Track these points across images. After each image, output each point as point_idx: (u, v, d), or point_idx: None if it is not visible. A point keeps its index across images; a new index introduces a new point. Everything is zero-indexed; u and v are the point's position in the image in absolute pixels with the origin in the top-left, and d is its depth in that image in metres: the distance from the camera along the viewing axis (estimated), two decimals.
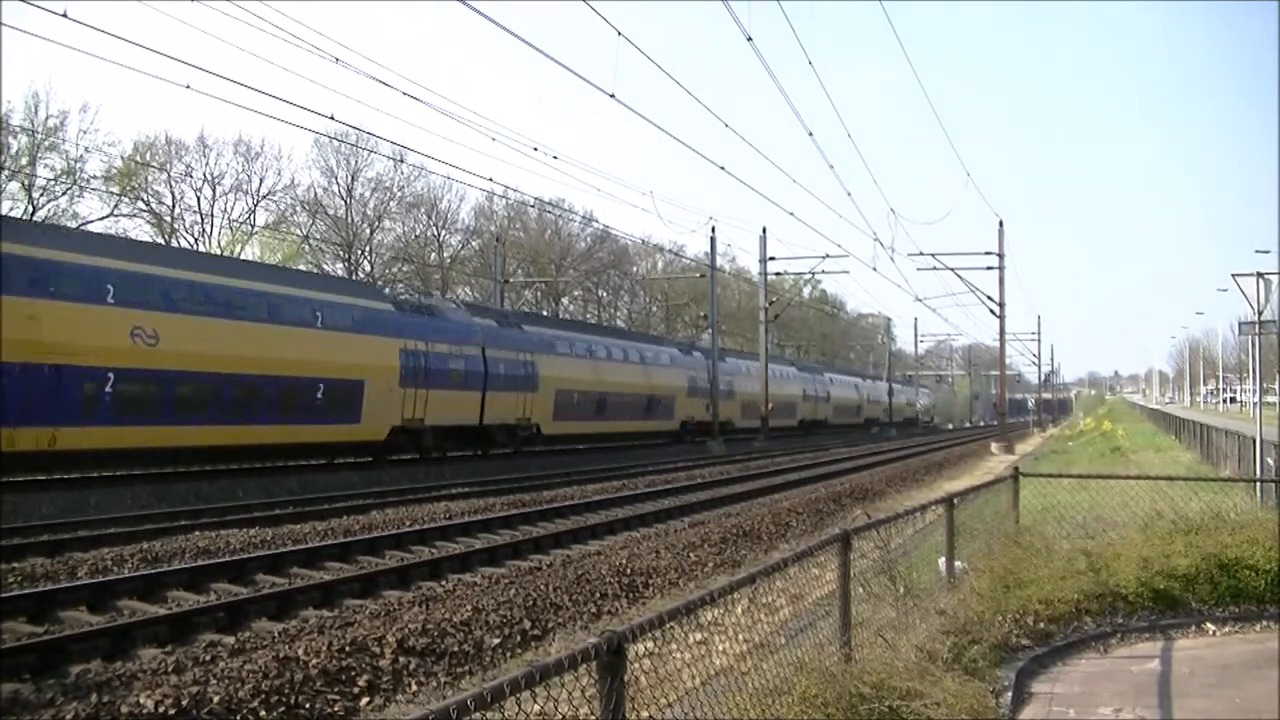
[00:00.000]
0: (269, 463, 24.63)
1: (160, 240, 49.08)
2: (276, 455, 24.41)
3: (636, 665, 4.21)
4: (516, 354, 32.05)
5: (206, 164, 54.57)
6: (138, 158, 50.70)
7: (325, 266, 58.12)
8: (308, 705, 7.31)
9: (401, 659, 8.37)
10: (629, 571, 12.35)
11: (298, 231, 58.41)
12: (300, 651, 8.10)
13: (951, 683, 5.37)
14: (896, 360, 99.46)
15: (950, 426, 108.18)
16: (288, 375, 22.54)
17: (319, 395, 23.41)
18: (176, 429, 20.41)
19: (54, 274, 17.94)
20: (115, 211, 48.98)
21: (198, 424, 20.78)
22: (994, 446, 46.05)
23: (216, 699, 6.95)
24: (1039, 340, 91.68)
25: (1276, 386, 74.28)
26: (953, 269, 46.40)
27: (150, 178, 51.27)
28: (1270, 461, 15.50)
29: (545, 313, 65.49)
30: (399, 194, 63.34)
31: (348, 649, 8.26)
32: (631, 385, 40.05)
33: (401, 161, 57.80)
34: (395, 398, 25.92)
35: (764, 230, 49.44)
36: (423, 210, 65.19)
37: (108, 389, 18.79)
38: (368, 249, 61.81)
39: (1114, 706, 5.90)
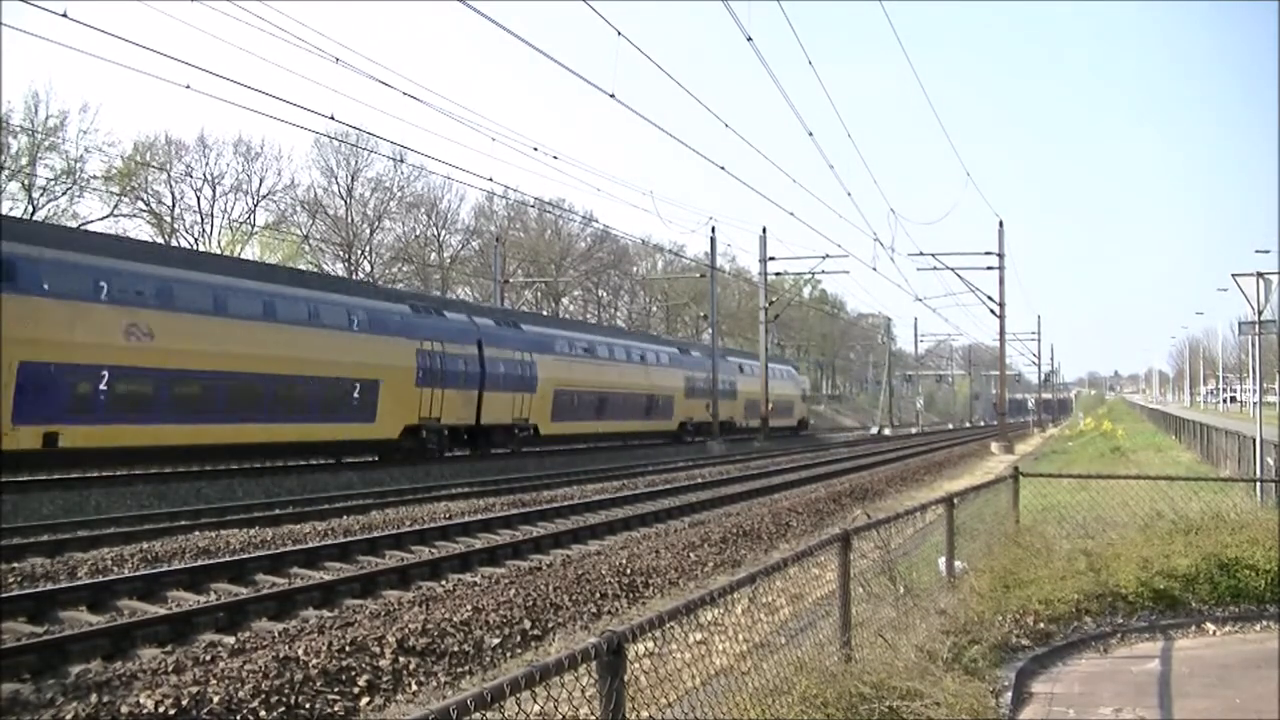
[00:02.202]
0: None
1: (160, 240, 49.08)
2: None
3: (636, 665, 4.21)
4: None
5: (206, 164, 54.73)
6: (138, 158, 50.73)
7: (325, 266, 58.13)
8: (308, 705, 7.31)
9: (401, 659, 8.37)
10: (629, 571, 12.35)
11: (298, 231, 58.43)
12: (300, 651, 8.09)
13: (951, 683, 5.37)
14: (896, 360, 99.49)
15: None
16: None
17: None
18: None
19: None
20: (115, 211, 49.08)
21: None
22: (994, 446, 46.05)
23: (216, 699, 6.95)
24: (1039, 340, 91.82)
25: (1276, 386, 74.33)
26: (953, 269, 46.47)
27: (150, 178, 51.31)
28: (1270, 461, 15.50)
29: (545, 312, 65.49)
30: (399, 194, 63.47)
31: (348, 649, 8.26)
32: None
33: (401, 161, 57.96)
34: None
35: (764, 230, 49.56)
36: (423, 210, 65.26)
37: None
38: (368, 249, 61.84)
39: (1114, 706, 5.90)
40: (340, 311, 25.27)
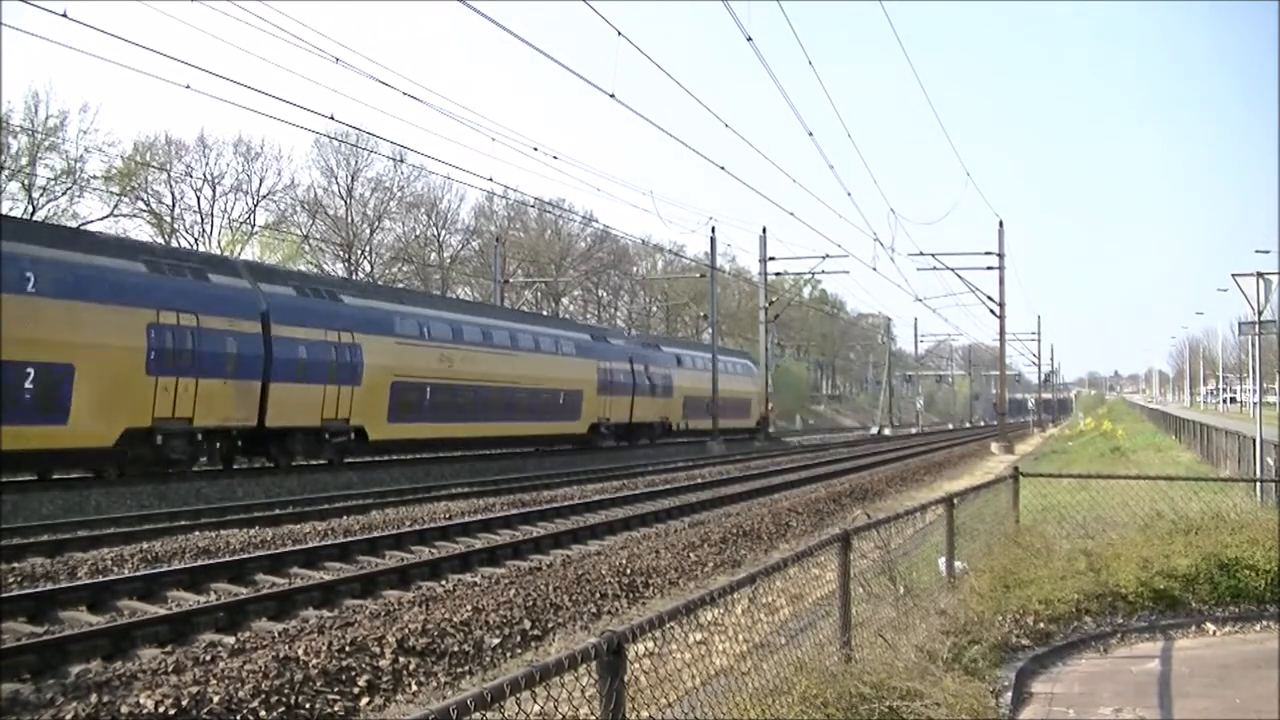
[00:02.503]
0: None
1: (160, 240, 49.06)
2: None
3: (636, 665, 4.21)
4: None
5: (206, 164, 54.72)
6: (138, 158, 50.72)
7: (325, 266, 58.15)
8: (308, 705, 7.31)
9: (401, 659, 8.37)
10: (629, 571, 12.35)
11: (298, 231, 58.44)
12: (300, 651, 8.09)
13: (951, 683, 5.37)
14: (896, 360, 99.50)
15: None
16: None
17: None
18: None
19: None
20: (115, 211, 49.08)
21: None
22: (994, 446, 46.05)
23: (216, 699, 6.95)
24: (1039, 340, 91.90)
25: (1276, 386, 74.35)
26: (953, 269, 46.48)
27: (150, 178, 51.31)
28: (1270, 461, 15.50)
29: (545, 312, 65.47)
30: (399, 194, 63.49)
31: (348, 649, 8.26)
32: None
33: (401, 161, 57.96)
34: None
35: (764, 230, 49.59)
36: (423, 210, 65.27)
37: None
38: (368, 249, 61.86)
39: (1114, 706, 5.90)
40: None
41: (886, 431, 76.61)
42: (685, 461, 34.92)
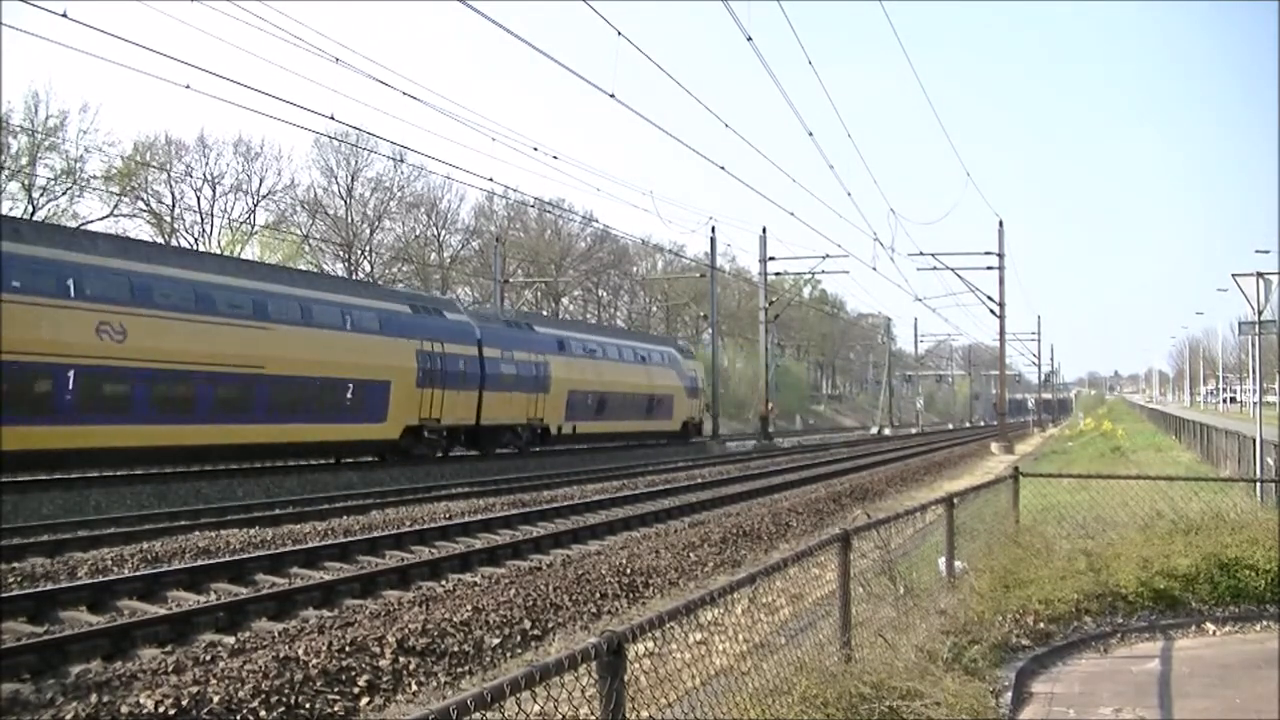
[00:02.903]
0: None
1: (160, 239, 49.08)
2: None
3: (636, 665, 4.21)
4: None
5: (206, 164, 54.71)
6: (138, 158, 50.71)
7: (325, 266, 58.15)
8: (308, 705, 7.31)
9: (401, 659, 8.37)
10: (629, 571, 12.35)
11: (298, 231, 58.44)
12: (300, 651, 8.09)
13: (951, 683, 5.37)
14: (896, 360, 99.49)
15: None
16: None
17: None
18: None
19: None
20: (115, 211, 49.08)
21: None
22: (994, 446, 46.05)
23: (216, 699, 6.95)
24: (1039, 340, 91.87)
25: (1276, 386, 74.36)
26: (953, 269, 46.47)
27: (150, 178, 51.30)
28: (1270, 461, 15.49)
29: (545, 312, 65.44)
30: (399, 194, 63.48)
31: (348, 649, 8.26)
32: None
33: (401, 161, 57.95)
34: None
35: (764, 230, 49.51)
36: (423, 210, 65.27)
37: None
38: (368, 249, 61.85)
39: (1114, 706, 5.90)
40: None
41: (886, 431, 76.60)
42: (685, 461, 34.90)
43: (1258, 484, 14.11)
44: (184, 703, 6.81)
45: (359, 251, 60.73)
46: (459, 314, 31.58)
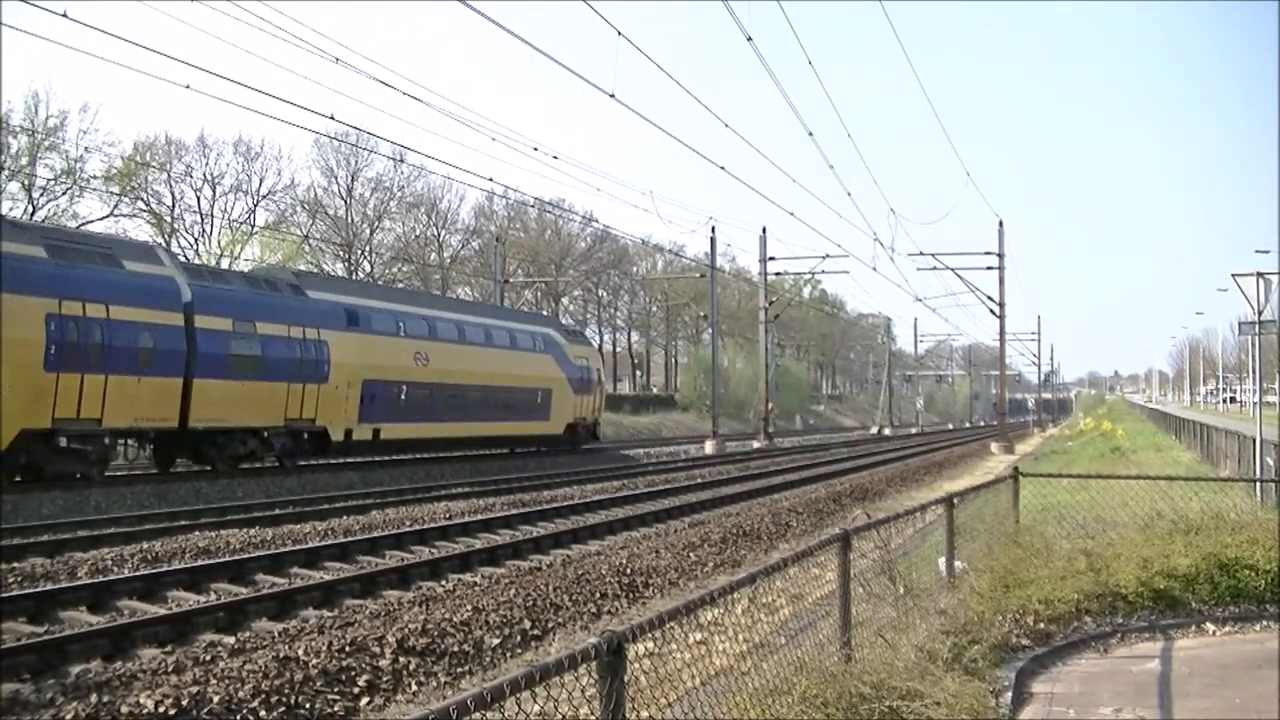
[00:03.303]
0: None
1: (161, 239, 49.07)
2: None
3: (636, 665, 4.21)
4: None
5: (206, 164, 54.57)
6: (138, 158, 50.67)
7: (325, 266, 58.13)
8: (308, 705, 7.31)
9: (401, 659, 8.37)
10: (629, 571, 12.35)
11: (298, 231, 58.41)
12: (300, 651, 8.10)
13: (951, 683, 5.37)
14: (896, 360, 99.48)
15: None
16: None
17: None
18: None
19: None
20: (115, 212, 49.02)
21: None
22: (994, 446, 46.06)
23: (216, 699, 6.95)
24: (1039, 340, 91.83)
25: (1276, 386, 74.36)
26: (953, 269, 46.50)
27: (150, 178, 51.26)
28: (1270, 461, 15.49)
29: (545, 312, 65.38)
30: (399, 194, 63.38)
31: (348, 649, 8.27)
32: None
33: (401, 161, 57.86)
34: None
35: (764, 230, 49.47)
36: (423, 210, 65.20)
37: None
38: (368, 249, 61.82)
39: (1114, 706, 5.90)
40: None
41: (886, 431, 76.60)
42: (685, 462, 34.90)
43: (1258, 484, 14.10)
44: (184, 703, 6.81)
45: (359, 251, 60.70)
46: (154, 263, 21.60)
